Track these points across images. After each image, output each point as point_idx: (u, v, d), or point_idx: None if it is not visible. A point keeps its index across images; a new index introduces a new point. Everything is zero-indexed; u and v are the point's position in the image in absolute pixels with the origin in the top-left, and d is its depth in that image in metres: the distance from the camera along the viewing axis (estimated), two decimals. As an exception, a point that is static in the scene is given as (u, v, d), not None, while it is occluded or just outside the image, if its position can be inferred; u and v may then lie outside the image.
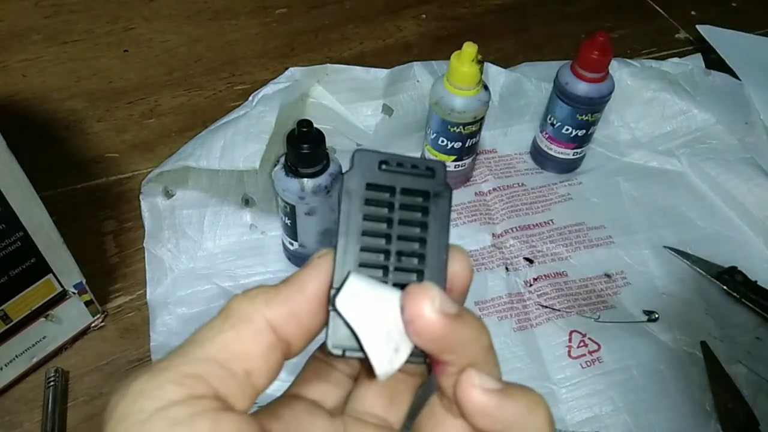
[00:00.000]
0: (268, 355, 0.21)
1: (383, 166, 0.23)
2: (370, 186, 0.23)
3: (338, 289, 0.21)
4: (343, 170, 0.50)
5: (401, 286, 0.22)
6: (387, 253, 0.23)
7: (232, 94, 0.74)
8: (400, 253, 0.23)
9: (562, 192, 0.65)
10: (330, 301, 0.22)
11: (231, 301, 0.21)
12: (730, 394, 0.50)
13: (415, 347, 0.21)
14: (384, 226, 0.23)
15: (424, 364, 0.22)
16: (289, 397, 0.24)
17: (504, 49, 0.81)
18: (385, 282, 0.22)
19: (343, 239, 0.22)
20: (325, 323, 0.22)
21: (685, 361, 0.53)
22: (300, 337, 0.22)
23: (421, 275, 0.23)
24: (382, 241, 0.23)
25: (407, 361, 0.21)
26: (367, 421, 0.24)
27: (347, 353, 0.21)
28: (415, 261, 0.23)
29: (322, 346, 0.22)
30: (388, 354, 0.21)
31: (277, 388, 0.47)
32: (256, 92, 0.59)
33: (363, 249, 0.22)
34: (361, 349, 0.21)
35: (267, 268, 0.57)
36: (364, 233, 0.23)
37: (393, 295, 0.21)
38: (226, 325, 0.21)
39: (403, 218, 0.23)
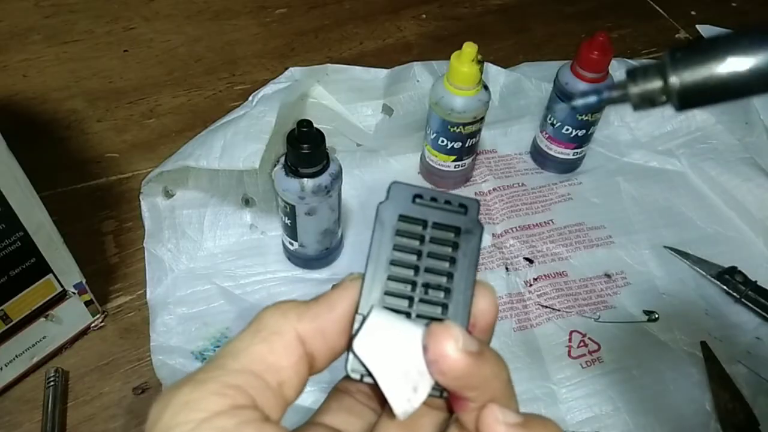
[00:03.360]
0: (299, 367, 0.21)
1: (417, 200, 0.24)
2: (402, 218, 0.24)
3: (358, 330, 0.22)
4: (343, 171, 0.51)
5: (425, 318, 0.23)
6: (414, 284, 0.23)
7: (232, 94, 0.74)
8: (426, 286, 0.23)
9: (562, 192, 0.65)
10: (351, 334, 0.22)
11: (262, 314, 0.22)
12: (730, 394, 0.50)
13: (435, 383, 0.22)
14: (413, 257, 0.23)
15: (443, 398, 0.22)
16: (311, 424, 0.24)
17: (504, 49, 0.81)
18: (409, 313, 0.23)
19: (372, 266, 0.23)
20: (349, 344, 0.22)
21: (685, 361, 0.53)
22: (325, 353, 0.22)
23: (445, 309, 0.23)
24: (410, 272, 0.23)
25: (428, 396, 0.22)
26: None
27: (365, 378, 0.22)
28: (441, 294, 0.23)
29: (345, 377, 0.23)
30: (406, 393, 0.21)
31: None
32: (256, 92, 0.59)
33: (390, 278, 0.23)
34: (378, 386, 0.21)
35: (267, 268, 0.57)
36: (393, 263, 0.23)
37: (415, 332, 0.22)
38: (258, 337, 0.21)
39: (432, 251, 0.24)
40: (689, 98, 0.19)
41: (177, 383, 0.20)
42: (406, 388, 0.21)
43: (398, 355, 0.22)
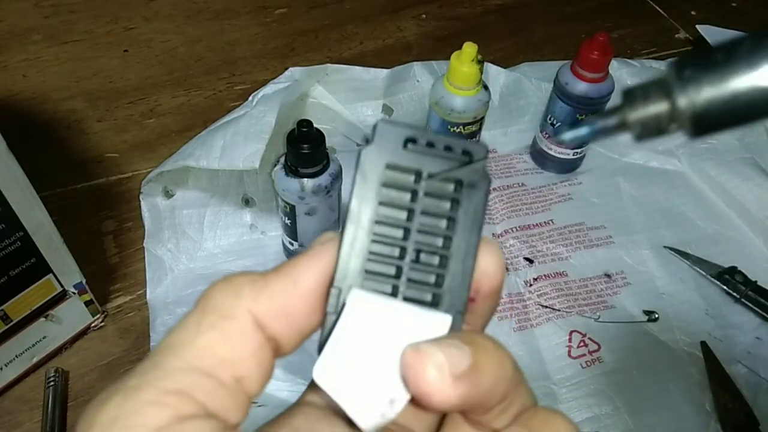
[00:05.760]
0: (260, 356, 0.17)
1: (409, 145, 0.19)
2: (390, 167, 0.19)
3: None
4: (343, 171, 0.51)
5: (415, 291, 0.19)
6: (403, 249, 0.19)
7: (232, 94, 0.74)
8: (419, 251, 0.19)
9: (562, 192, 0.65)
10: (326, 311, 0.19)
11: (211, 291, 0.18)
12: (730, 394, 0.50)
13: None
14: (403, 215, 0.19)
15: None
16: (302, 404, 0.20)
17: (504, 49, 0.81)
18: (397, 287, 0.19)
19: (352, 227, 0.19)
20: (322, 322, 0.19)
21: (685, 361, 0.53)
22: (290, 336, 0.18)
23: (441, 279, 0.19)
24: (398, 233, 0.19)
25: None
26: (392, 430, 0.21)
27: None
28: (436, 261, 0.19)
29: None
30: (380, 409, 0.18)
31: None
32: (256, 92, 0.59)
33: (375, 241, 0.19)
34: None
35: (267, 268, 0.57)
36: (378, 222, 0.19)
37: (397, 327, 0.18)
38: (206, 323, 0.17)
39: (427, 209, 0.19)
40: (706, 124, 0.15)
41: (105, 393, 0.16)
42: (380, 403, 0.18)
43: (371, 366, 0.18)
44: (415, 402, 0.18)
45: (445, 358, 0.17)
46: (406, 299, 0.19)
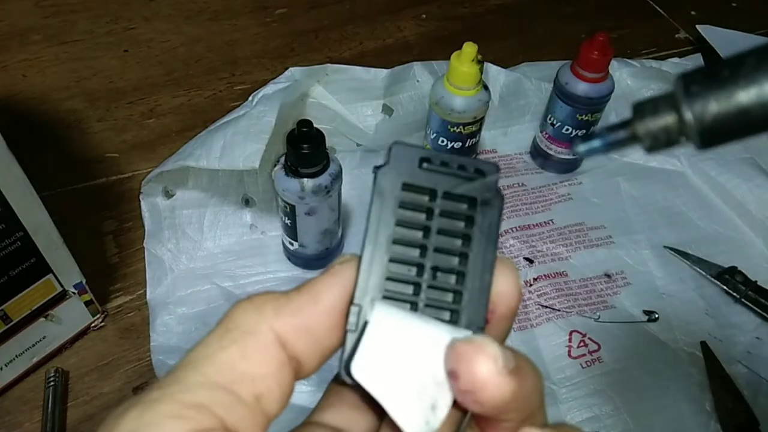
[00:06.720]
0: (280, 375, 0.18)
1: (424, 164, 0.20)
2: (406, 186, 0.20)
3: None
4: (343, 171, 0.51)
5: (434, 311, 0.20)
6: (420, 267, 0.20)
7: (232, 94, 0.74)
8: (436, 269, 0.20)
9: (562, 192, 0.65)
10: (346, 329, 0.19)
11: (234, 309, 0.18)
12: (730, 394, 0.50)
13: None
14: (419, 234, 0.20)
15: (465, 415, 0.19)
16: (310, 424, 0.20)
17: (504, 49, 0.81)
18: (416, 303, 0.20)
19: (371, 246, 0.19)
20: (343, 341, 0.19)
21: (685, 361, 0.53)
22: (312, 355, 0.19)
23: (458, 297, 0.20)
24: (415, 252, 0.20)
25: None
26: None
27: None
28: (453, 279, 0.20)
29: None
30: (424, 415, 0.18)
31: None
32: (256, 92, 0.59)
33: (393, 260, 0.20)
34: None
35: (267, 268, 0.57)
36: (396, 242, 0.20)
37: (427, 335, 0.18)
38: (227, 339, 0.17)
39: (442, 227, 0.20)
40: (714, 137, 0.16)
41: (125, 405, 0.16)
42: (423, 409, 0.18)
43: (409, 371, 0.18)
44: (456, 404, 0.18)
45: (500, 352, 0.17)
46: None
